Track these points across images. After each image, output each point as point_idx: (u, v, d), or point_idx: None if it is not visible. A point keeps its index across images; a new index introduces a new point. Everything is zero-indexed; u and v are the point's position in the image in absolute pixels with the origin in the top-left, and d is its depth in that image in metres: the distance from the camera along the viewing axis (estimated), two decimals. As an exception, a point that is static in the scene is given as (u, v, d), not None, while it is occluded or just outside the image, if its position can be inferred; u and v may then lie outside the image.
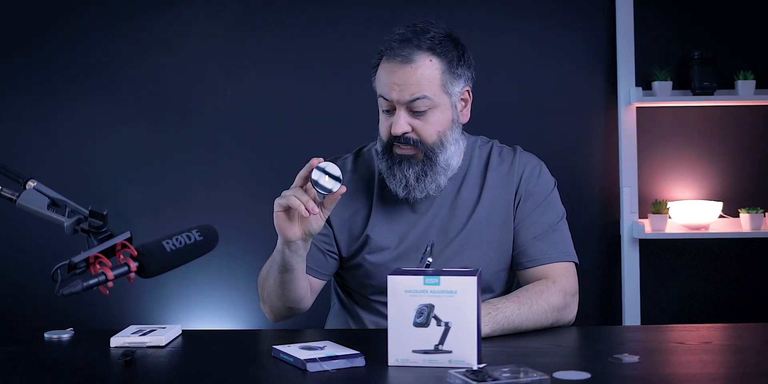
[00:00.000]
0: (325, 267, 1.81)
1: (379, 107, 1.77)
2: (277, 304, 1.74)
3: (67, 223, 1.24)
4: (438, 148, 1.73)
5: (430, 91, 1.69)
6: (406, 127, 1.70)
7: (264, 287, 1.74)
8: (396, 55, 1.70)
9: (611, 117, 3.12)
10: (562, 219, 1.81)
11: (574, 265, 1.77)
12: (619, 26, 3.07)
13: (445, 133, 1.73)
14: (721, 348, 1.52)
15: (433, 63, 1.71)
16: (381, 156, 1.77)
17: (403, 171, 1.73)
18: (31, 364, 1.43)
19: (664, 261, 3.14)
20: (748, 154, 3.13)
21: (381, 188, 1.82)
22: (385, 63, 1.72)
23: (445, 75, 1.72)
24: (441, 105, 1.72)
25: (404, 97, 1.69)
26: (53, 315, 2.84)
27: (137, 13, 3.14)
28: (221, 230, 1.34)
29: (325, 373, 1.31)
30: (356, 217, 1.81)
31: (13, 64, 3.15)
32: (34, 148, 3.15)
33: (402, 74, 1.69)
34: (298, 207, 1.52)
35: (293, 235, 1.58)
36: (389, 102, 1.71)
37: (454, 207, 1.80)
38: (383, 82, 1.72)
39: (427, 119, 1.71)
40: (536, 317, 1.61)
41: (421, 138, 1.72)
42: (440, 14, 1.86)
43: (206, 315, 3.13)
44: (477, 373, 1.24)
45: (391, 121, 1.72)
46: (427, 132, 1.72)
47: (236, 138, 3.15)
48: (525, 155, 1.85)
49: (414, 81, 1.69)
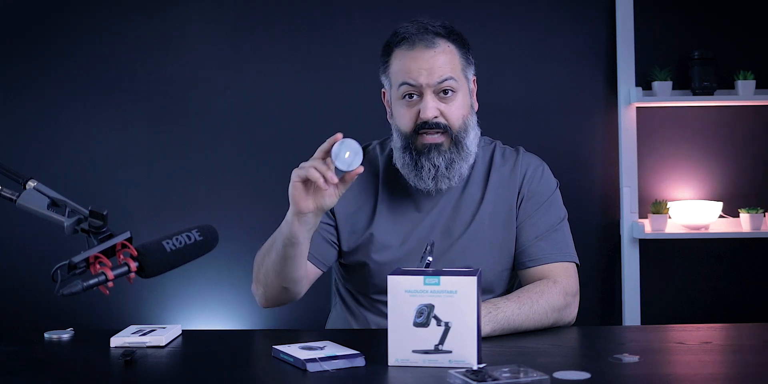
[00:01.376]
0: (325, 256, 1.80)
1: (394, 98, 1.76)
2: (274, 282, 1.70)
3: (67, 223, 1.24)
4: (463, 132, 1.75)
5: (454, 74, 1.73)
6: (435, 111, 1.71)
7: (262, 265, 1.71)
8: (418, 41, 1.72)
9: (611, 117, 3.12)
10: (563, 220, 1.82)
11: (574, 265, 1.78)
12: (619, 26, 3.07)
13: (467, 117, 1.76)
14: (721, 348, 1.52)
15: (451, 48, 1.75)
16: (403, 150, 1.76)
17: (433, 160, 1.73)
18: (31, 364, 1.43)
19: (664, 261, 3.14)
20: (748, 154, 3.13)
21: (385, 186, 1.83)
22: (406, 51, 1.73)
23: (462, 60, 1.76)
24: (462, 89, 1.75)
25: (434, 79, 1.70)
26: (53, 315, 2.85)
27: (137, 13, 3.15)
28: (221, 230, 1.34)
29: (325, 373, 1.31)
30: (360, 214, 1.81)
31: (13, 64, 3.15)
32: (34, 148, 3.15)
33: (428, 58, 1.71)
34: (317, 179, 1.51)
35: (306, 207, 1.56)
36: (416, 88, 1.72)
37: (458, 207, 1.80)
38: (407, 69, 1.72)
39: (453, 103, 1.73)
40: (537, 317, 1.61)
41: (450, 122, 1.73)
42: (440, 14, 1.87)
43: (206, 315, 3.13)
44: (477, 373, 1.24)
45: (416, 109, 1.72)
46: (455, 116, 1.73)
47: (236, 138, 3.15)
48: (528, 156, 1.86)
49: (440, 64, 1.71)
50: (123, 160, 3.16)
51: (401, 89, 1.74)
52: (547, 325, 1.64)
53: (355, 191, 1.81)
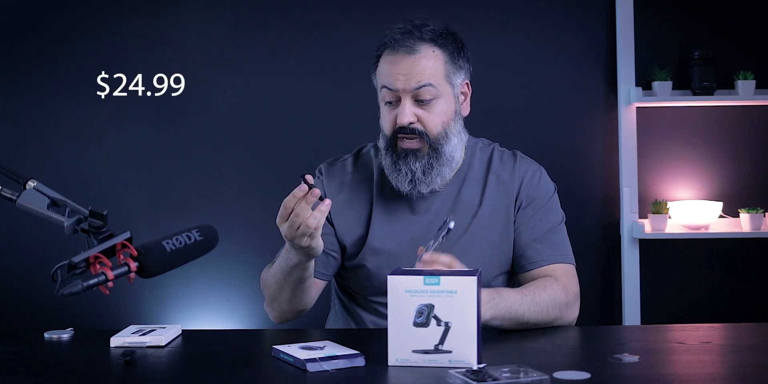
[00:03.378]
0: (328, 267, 1.82)
1: (381, 101, 1.77)
2: (288, 309, 1.75)
3: (67, 223, 1.24)
4: (443, 138, 1.73)
5: (434, 80, 1.71)
6: (411, 116, 1.71)
7: (274, 298, 1.74)
8: (400, 46, 1.71)
9: (611, 117, 3.12)
10: (561, 223, 1.82)
11: (574, 267, 1.77)
12: (619, 26, 3.07)
13: (448, 124, 1.74)
14: (721, 348, 1.52)
15: (436, 53, 1.73)
16: (384, 152, 1.77)
17: (409, 165, 1.73)
18: (31, 364, 1.43)
19: (664, 261, 3.14)
20: (748, 154, 3.13)
21: (380, 189, 1.82)
22: (389, 55, 1.73)
23: (447, 65, 1.74)
24: (445, 95, 1.73)
25: (410, 85, 1.70)
26: (53, 315, 2.85)
27: (137, 14, 3.14)
28: (221, 230, 1.34)
29: (325, 373, 1.31)
30: (357, 218, 1.81)
31: (13, 64, 3.15)
32: (34, 148, 3.15)
33: (407, 64, 1.71)
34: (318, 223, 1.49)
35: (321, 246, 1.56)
36: (394, 92, 1.72)
37: (455, 209, 1.79)
38: (387, 74, 1.73)
39: (432, 109, 1.72)
40: (538, 309, 1.61)
41: (427, 128, 1.72)
42: (440, 14, 1.87)
43: (206, 315, 3.13)
44: (477, 373, 1.24)
45: (395, 113, 1.72)
46: (432, 122, 1.72)
47: (236, 138, 3.15)
48: (526, 161, 1.85)
49: (419, 70, 1.70)
50: (123, 160, 3.16)
51: (382, 92, 1.75)
52: (548, 320, 1.64)
53: (350, 194, 1.82)
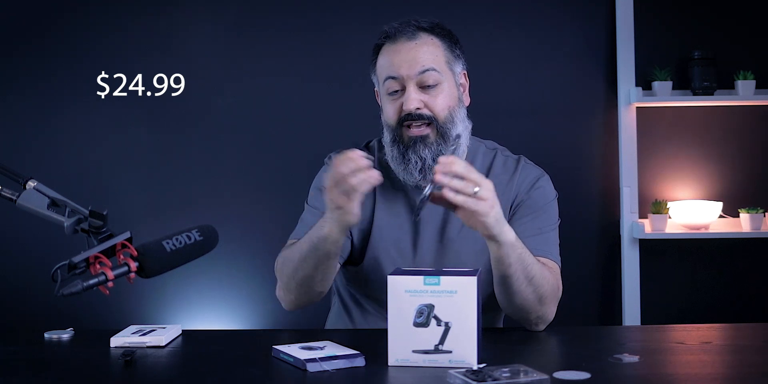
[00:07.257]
0: (345, 250, 1.78)
1: (382, 94, 1.77)
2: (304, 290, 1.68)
3: (67, 223, 1.24)
4: (449, 122, 1.73)
5: (437, 65, 1.73)
6: (418, 102, 1.71)
7: (292, 276, 1.67)
8: (400, 36, 1.74)
9: (611, 117, 3.12)
10: (554, 227, 1.79)
11: (558, 268, 1.75)
12: (619, 26, 3.07)
13: (454, 108, 1.75)
14: (721, 348, 1.52)
15: (435, 41, 1.75)
16: (391, 144, 1.76)
17: (419, 153, 1.72)
18: (31, 364, 1.43)
19: (664, 261, 3.14)
20: (748, 154, 3.13)
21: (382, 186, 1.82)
22: (389, 46, 1.75)
23: (447, 53, 1.76)
24: (447, 80, 1.75)
25: (414, 70, 1.71)
26: (53, 315, 2.84)
27: (137, 14, 3.15)
28: (221, 230, 1.34)
29: (325, 373, 1.31)
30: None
31: (13, 64, 3.15)
32: (34, 148, 3.15)
33: (409, 51, 1.73)
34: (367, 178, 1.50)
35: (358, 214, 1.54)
36: (397, 80, 1.72)
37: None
38: (389, 64, 1.74)
39: (437, 93, 1.73)
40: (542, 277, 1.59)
41: (434, 112, 1.72)
42: (440, 14, 1.88)
43: (206, 315, 3.13)
44: (477, 373, 1.24)
45: (400, 101, 1.73)
46: (439, 106, 1.72)
47: (236, 138, 3.15)
48: (528, 166, 1.85)
49: (421, 55, 1.73)
50: (123, 160, 3.16)
51: (386, 84, 1.75)
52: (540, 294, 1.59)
53: None
